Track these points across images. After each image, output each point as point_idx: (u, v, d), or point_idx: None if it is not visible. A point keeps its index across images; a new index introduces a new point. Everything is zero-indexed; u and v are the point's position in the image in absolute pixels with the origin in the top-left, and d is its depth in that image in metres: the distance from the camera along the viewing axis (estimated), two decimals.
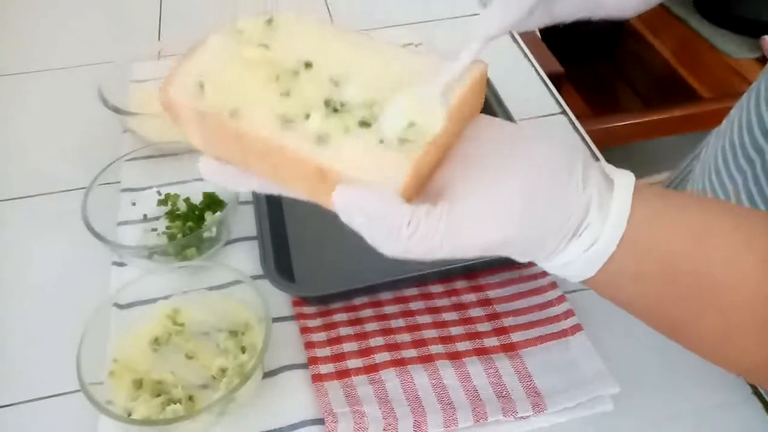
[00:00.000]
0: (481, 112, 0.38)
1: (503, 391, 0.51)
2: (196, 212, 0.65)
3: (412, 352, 0.54)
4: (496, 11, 0.35)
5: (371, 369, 0.53)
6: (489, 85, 0.73)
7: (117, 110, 0.70)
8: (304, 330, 0.56)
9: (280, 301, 0.58)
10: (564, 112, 0.79)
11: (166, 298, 0.56)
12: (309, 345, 0.55)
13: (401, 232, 0.32)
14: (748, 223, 0.35)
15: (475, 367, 0.53)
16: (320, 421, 0.50)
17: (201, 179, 0.42)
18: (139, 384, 0.50)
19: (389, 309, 0.58)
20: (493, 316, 0.57)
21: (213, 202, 0.65)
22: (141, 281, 0.55)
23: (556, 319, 0.56)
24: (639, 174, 0.36)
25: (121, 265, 0.62)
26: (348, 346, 0.55)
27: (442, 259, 0.34)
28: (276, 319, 0.56)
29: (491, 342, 0.55)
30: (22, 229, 0.68)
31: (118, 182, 0.67)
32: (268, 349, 0.49)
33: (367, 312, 0.58)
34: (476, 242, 0.33)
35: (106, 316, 0.53)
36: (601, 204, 0.34)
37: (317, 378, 0.52)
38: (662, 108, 1.44)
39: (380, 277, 0.56)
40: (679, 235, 0.34)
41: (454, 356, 0.54)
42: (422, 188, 0.35)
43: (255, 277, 0.56)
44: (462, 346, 0.54)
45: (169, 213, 0.66)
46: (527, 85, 0.84)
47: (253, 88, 0.35)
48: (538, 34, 1.26)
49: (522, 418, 0.49)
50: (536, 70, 0.86)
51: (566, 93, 1.03)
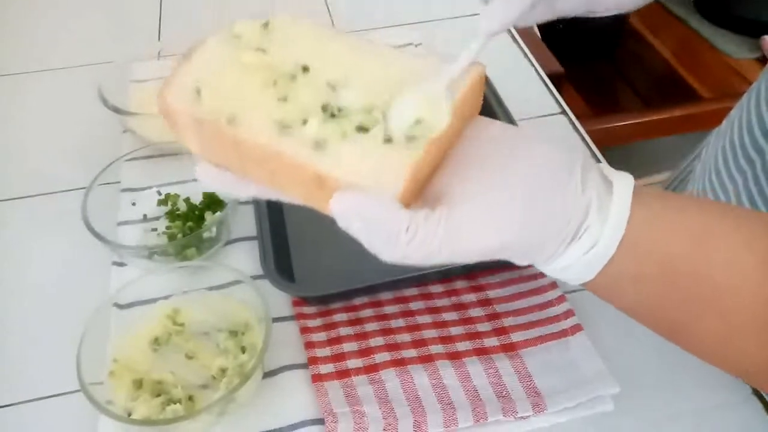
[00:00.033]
0: (480, 114, 0.38)
1: (503, 391, 0.51)
2: (196, 212, 0.65)
3: (412, 352, 0.54)
4: (499, 6, 0.35)
5: (371, 369, 0.53)
6: (489, 85, 0.73)
7: (117, 110, 0.70)
8: (304, 330, 0.56)
9: (280, 301, 0.58)
10: (564, 112, 0.79)
11: (166, 298, 0.56)
12: (309, 345, 0.55)
13: (400, 238, 0.32)
14: (749, 225, 0.35)
15: (475, 367, 0.53)
16: (320, 421, 0.50)
17: None
18: (139, 384, 0.50)
19: (389, 309, 0.58)
20: (493, 316, 0.57)
21: (213, 202, 0.65)
22: (141, 281, 0.55)
23: (556, 319, 0.56)
24: (639, 174, 0.36)
25: (121, 265, 0.62)
26: (348, 346, 0.55)
27: (442, 264, 0.33)
28: (276, 319, 0.56)
29: (491, 342, 0.55)
30: (22, 229, 0.68)
31: (118, 182, 0.67)
32: (268, 349, 0.49)
33: (367, 312, 0.58)
34: (475, 247, 0.33)
35: (106, 316, 0.53)
36: (601, 206, 0.33)
37: (317, 378, 0.52)
38: (662, 108, 1.44)
39: (380, 277, 0.56)
40: (679, 237, 0.34)
41: (454, 356, 0.54)
42: (421, 192, 0.34)
43: (255, 277, 0.56)
44: (462, 346, 0.55)
45: (169, 213, 0.66)
46: (527, 85, 0.84)
47: (251, 94, 0.35)
48: (539, 34, 1.26)
49: (522, 418, 0.49)
50: (536, 70, 0.86)
51: (566, 93, 1.03)
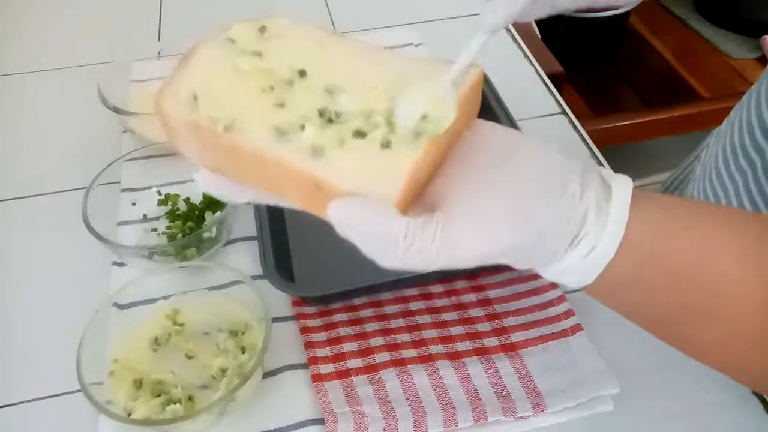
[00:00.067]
0: (480, 114, 0.38)
1: (503, 391, 0.51)
2: (196, 212, 0.65)
3: (412, 352, 0.54)
4: (500, 2, 0.34)
5: (371, 369, 0.53)
6: (489, 85, 0.73)
7: (117, 110, 0.70)
8: (304, 330, 0.56)
9: (280, 301, 0.58)
10: (564, 112, 0.79)
11: (165, 298, 0.56)
12: (309, 345, 0.55)
13: (398, 245, 0.32)
14: (749, 233, 0.34)
15: (475, 367, 0.53)
16: (320, 421, 0.50)
17: None
18: (139, 384, 0.50)
19: (389, 309, 0.58)
20: (493, 316, 0.57)
21: (213, 202, 0.65)
22: (141, 281, 0.55)
23: (556, 319, 0.56)
24: (639, 174, 0.36)
25: (121, 265, 0.62)
26: (348, 346, 0.55)
27: (440, 269, 0.33)
28: (276, 319, 0.56)
29: (491, 342, 0.55)
30: (22, 229, 0.68)
31: (118, 182, 0.67)
32: (268, 349, 0.49)
33: (367, 312, 0.58)
34: (473, 254, 0.33)
35: (106, 316, 0.53)
36: (599, 211, 0.33)
37: (317, 378, 0.52)
38: (662, 108, 1.44)
39: (380, 277, 0.56)
40: (678, 241, 0.34)
41: (454, 356, 0.54)
42: (418, 197, 0.34)
43: (255, 277, 0.56)
44: (462, 346, 0.54)
45: (169, 213, 0.66)
46: (527, 85, 0.84)
47: (248, 99, 0.35)
48: (539, 35, 1.26)
49: (522, 418, 0.49)
50: (536, 70, 0.86)
51: (566, 93, 1.03)
